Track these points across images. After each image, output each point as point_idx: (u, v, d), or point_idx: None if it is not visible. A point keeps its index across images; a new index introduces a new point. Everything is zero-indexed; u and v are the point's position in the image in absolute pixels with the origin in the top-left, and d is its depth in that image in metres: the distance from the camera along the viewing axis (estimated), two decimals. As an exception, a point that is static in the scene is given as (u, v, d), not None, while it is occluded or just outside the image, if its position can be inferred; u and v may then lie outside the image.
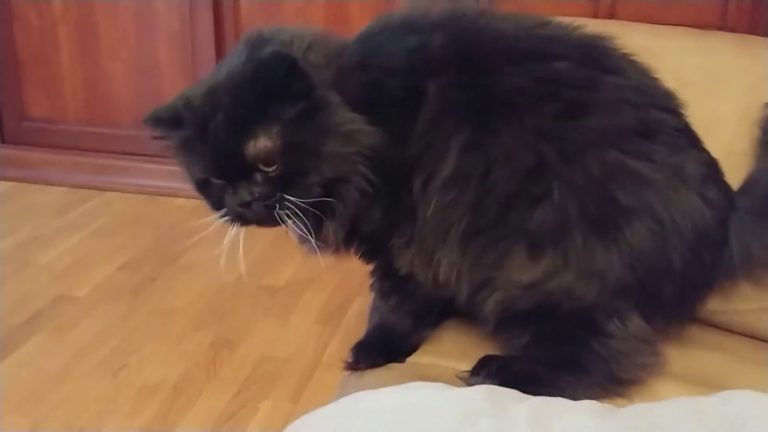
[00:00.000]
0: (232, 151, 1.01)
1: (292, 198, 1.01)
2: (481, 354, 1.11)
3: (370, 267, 1.20)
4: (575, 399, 0.86)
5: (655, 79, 1.12)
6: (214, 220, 1.10)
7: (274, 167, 1.01)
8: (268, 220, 1.04)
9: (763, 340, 1.21)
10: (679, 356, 1.11)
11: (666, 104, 1.10)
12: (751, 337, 1.21)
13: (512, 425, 0.75)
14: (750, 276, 1.11)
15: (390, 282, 1.17)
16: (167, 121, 1.08)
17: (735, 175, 1.13)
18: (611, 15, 2.43)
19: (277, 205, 1.01)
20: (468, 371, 1.09)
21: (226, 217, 1.08)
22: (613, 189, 1.02)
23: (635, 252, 1.02)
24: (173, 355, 2.07)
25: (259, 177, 1.01)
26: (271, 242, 2.57)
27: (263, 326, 2.21)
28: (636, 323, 1.05)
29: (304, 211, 1.01)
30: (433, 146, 1.05)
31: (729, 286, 1.13)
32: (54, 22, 3.00)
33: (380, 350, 1.17)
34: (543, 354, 1.06)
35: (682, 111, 1.11)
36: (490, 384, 0.95)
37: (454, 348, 1.18)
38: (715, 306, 1.18)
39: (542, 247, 1.03)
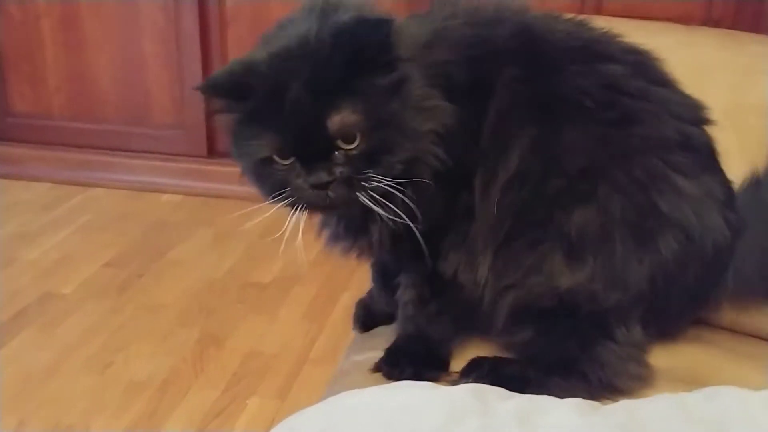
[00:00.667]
0: (314, 124, 0.92)
1: (378, 177, 0.94)
2: (472, 354, 1.11)
3: (404, 276, 1.13)
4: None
5: (688, 95, 1.13)
6: (270, 206, 1.00)
7: (355, 144, 0.93)
8: (344, 203, 0.96)
9: (749, 335, 1.22)
10: (666, 352, 1.12)
11: (700, 119, 1.11)
12: (737, 332, 1.22)
13: (499, 423, 0.75)
14: (737, 302, 1.13)
15: (430, 288, 1.10)
16: (231, 88, 0.98)
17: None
18: (597, 10, 2.43)
19: (361, 185, 0.94)
20: (458, 372, 1.08)
21: (291, 201, 0.97)
22: (655, 196, 1.03)
23: (662, 262, 1.03)
24: (160, 351, 2.07)
25: (338, 155, 0.94)
26: (256, 239, 2.56)
27: (251, 322, 2.21)
28: (638, 332, 1.06)
29: (385, 192, 0.94)
30: (498, 143, 1.02)
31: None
32: (37, 16, 2.97)
33: (422, 360, 1.10)
34: (542, 354, 1.06)
35: (710, 127, 1.12)
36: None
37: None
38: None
39: (582, 252, 1.01)
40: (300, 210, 0.98)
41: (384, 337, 1.17)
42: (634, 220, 1.02)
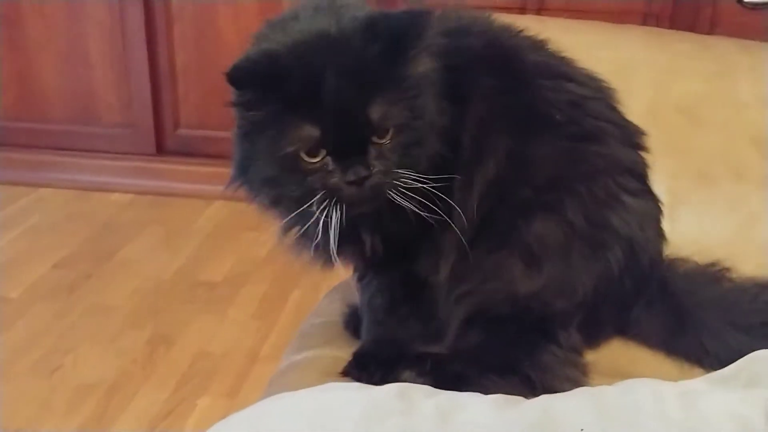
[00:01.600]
0: (354, 115, 0.90)
1: (408, 172, 0.93)
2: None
3: (376, 280, 1.12)
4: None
5: (631, 122, 1.16)
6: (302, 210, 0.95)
7: (388, 137, 0.92)
8: (379, 198, 0.94)
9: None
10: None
11: (640, 145, 1.15)
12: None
13: (419, 421, 0.77)
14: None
15: (404, 290, 1.10)
16: (264, 77, 0.91)
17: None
18: (540, 3, 2.47)
19: (394, 181, 0.93)
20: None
21: (324, 204, 0.93)
22: (608, 211, 1.06)
23: (608, 272, 1.06)
24: (109, 353, 2.06)
25: (372, 150, 0.92)
26: (207, 237, 2.56)
27: (200, 322, 2.21)
28: (577, 337, 1.09)
29: (415, 189, 0.93)
30: (477, 150, 1.03)
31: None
32: (-21, 16, 2.93)
33: (391, 363, 1.08)
34: (487, 355, 1.07)
35: (647, 151, 1.16)
36: (422, 383, 0.97)
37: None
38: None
39: (540, 260, 1.04)
40: (334, 211, 0.92)
41: (320, 336, 1.19)
42: (590, 233, 1.05)
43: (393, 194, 0.93)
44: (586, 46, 1.20)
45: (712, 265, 1.18)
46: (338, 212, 0.93)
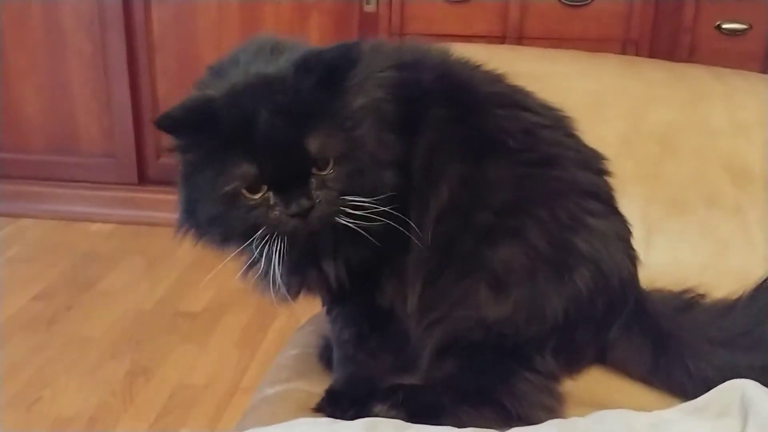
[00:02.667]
0: (291, 149, 0.91)
1: (358, 199, 0.93)
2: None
3: (342, 314, 1.12)
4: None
5: (591, 147, 1.17)
6: (222, 257, 0.98)
7: (329, 168, 0.93)
8: (326, 227, 0.95)
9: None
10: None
11: (602, 170, 1.16)
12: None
13: (387, 459, 0.77)
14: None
15: (370, 323, 1.10)
16: (193, 122, 0.93)
17: (617, 193, 1.17)
18: (520, 32, 2.48)
19: (341, 207, 0.93)
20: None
21: (267, 238, 0.93)
22: (573, 234, 1.07)
23: (577, 295, 1.06)
24: (88, 385, 2.04)
25: (314, 181, 0.92)
26: (188, 267, 2.55)
27: (181, 352, 2.19)
28: (552, 363, 1.08)
29: (362, 216, 0.93)
30: (429, 176, 1.04)
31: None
32: (-40, 46, 2.93)
33: (364, 399, 1.06)
34: (460, 384, 1.06)
35: (609, 177, 1.17)
36: (395, 416, 0.96)
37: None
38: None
39: (507, 284, 1.04)
40: (278, 244, 0.93)
41: (293, 369, 1.18)
42: (555, 256, 1.05)
43: (342, 219, 0.94)
44: (561, 75, 1.21)
45: (685, 291, 1.18)
46: (282, 247, 0.93)
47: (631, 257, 1.14)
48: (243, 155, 0.91)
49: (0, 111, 2.98)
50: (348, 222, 0.94)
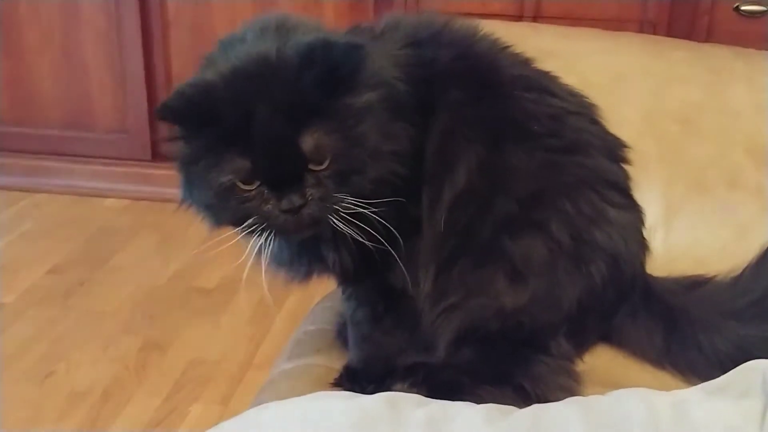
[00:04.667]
0: (286, 146, 0.90)
1: (349, 198, 0.93)
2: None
3: (356, 294, 1.12)
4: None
5: (613, 134, 1.16)
6: (235, 233, 0.98)
7: (325, 165, 0.92)
8: (316, 226, 0.95)
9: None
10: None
11: (623, 158, 1.15)
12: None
13: (407, 430, 0.77)
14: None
15: (384, 303, 1.10)
16: (192, 113, 0.93)
17: (637, 173, 1.17)
18: (536, 11, 2.47)
19: (333, 207, 0.93)
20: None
21: (259, 229, 0.94)
22: (593, 227, 1.06)
23: (592, 286, 1.06)
24: (102, 359, 2.05)
25: (309, 177, 0.92)
26: (202, 243, 2.55)
27: (194, 328, 2.20)
28: (566, 345, 1.09)
29: (356, 214, 0.93)
30: (444, 161, 1.03)
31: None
32: (-25, 21, 2.93)
33: (381, 375, 1.07)
34: (479, 367, 1.06)
35: (629, 164, 1.16)
36: (415, 392, 0.96)
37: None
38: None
39: (526, 275, 1.03)
40: (268, 237, 0.94)
41: (311, 345, 1.18)
42: (575, 249, 1.05)
43: (333, 219, 0.93)
44: (583, 53, 1.20)
45: (693, 275, 1.18)
46: (270, 238, 0.94)
47: (644, 248, 1.15)
48: (238, 150, 0.91)
49: (15, 86, 2.99)
50: (339, 225, 0.93)
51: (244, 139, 0.90)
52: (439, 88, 1.04)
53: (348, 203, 0.92)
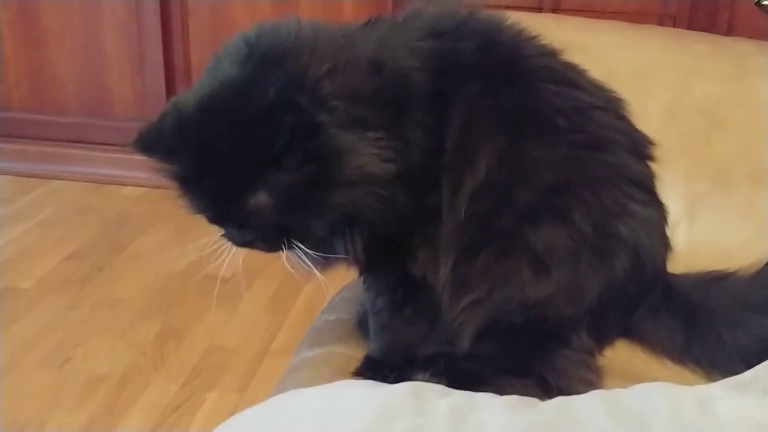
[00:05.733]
0: (231, 202, 0.94)
1: (299, 245, 0.96)
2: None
3: (375, 283, 1.13)
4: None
5: (640, 131, 1.15)
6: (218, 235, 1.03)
7: (274, 218, 0.95)
8: (274, 251, 1.00)
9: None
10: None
11: (649, 155, 1.14)
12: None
13: (431, 420, 0.76)
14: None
15: (403, 291, 1.10)
16: (157, 149, 0.98)
17: (661, 167, 1.16)
18: (556, 4, 2.46)
19: (285, 243, 0.97)
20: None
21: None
22: (618, 222, 1.06)
23: (613, 279, 1.06)
24: (120, 346, 2.07)
25: (260, 222, 0.96)
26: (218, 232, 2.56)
27: (211, 316, 2.21)
28: (587, 339, 1.08)
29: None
30: (465, 151, 1.02)
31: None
32: (-5, 8, 2.94)
33: (403, 365, 1.07)
34: (501, 359, 1.06)
35: (655, 161, 1.15)
36: (437, 382, 0.96)
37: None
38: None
39: (549, 266, 1.03)
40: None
41: (332, 333, 1.18)
42: (598, 241, 1.04)
43: (292, 252, 0.97)
44: (606, 45, 1.19)
45: (714, 270, 1.17)
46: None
47: (666, 245, 1.14)
48: (194, 195, 0.96)
49: (35, 73, 3.00)
50: (301, 252, 0.97)
51: (197, 185, 0.95)
52: (458, 79, 1.03)
53: (299, 248, 0.96)
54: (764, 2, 2.31)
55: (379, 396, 0.81)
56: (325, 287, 1.10)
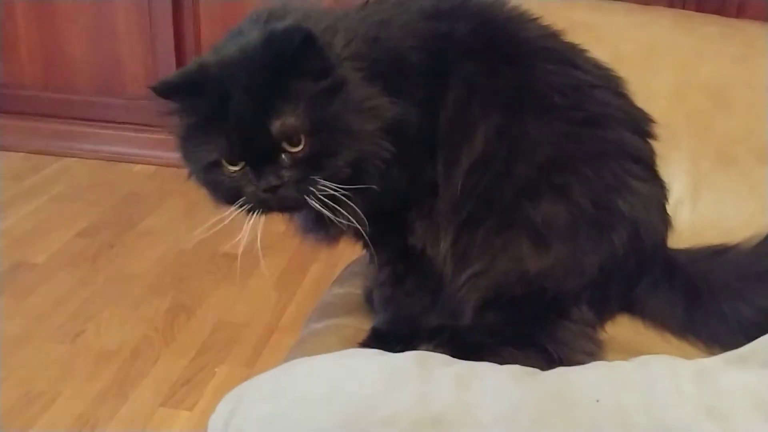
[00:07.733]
0: (258, 129, 0.95)
1: (324, 181, 0.96)
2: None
3: (377, 256, 1.14)
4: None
5: (640, 108, 1.16)
6: (230, 212, 1.02)
7: (300, 147, 0.95)
8: (295, 205, 1.00)
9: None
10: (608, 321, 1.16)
11: (648, 132, 1.16)
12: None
13: (436, 388, 0.79)
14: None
15: (403, 263, 1.13)
16: (182, 88, 0.99)
17: (666, 146, 1.18)
18: (566, -16, 2.45)
19: (309, 189, 0.96)
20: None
21: (245, 206, 1.00)
22: (616, 195, 1.08)
23: (613, 253, 1.08)
24: (131, 320, 2.10)
25: (285, 159, 0.96)
26: (228, 209, 2.58)
27: (221, 291, 2.24)
28: (588, 312, 1.11)
29: (333, 195, 0.96)
30: (460, 128, 1.05)
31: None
32: (8, -14, 2.96)
33: (408, 336, 1.09)
34: (503, 330, 1.09)
35: (653, 140, 1.17)
36: (441, 352, 0.99)
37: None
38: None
39: (548, 239, 1.05)
40: (257, 214, 1.00)
41: (340, 307, 1.21)
42: (596, 215, 1.07)
43: (312, 203, 0.96)
44: (615, 26, 1.20)
45: (715, 244, 1.19)
46: (258, 214, 1.00)
47: (666, 222, 1.16)
48: (219, 131, 0.96)
49: (46, 51, 3.02)
50: (315, 204, 0.97)
51: (223, 122, 0.95)
52: (454, 59, 1.06)
53: (323, 186, 0.96)
54: (775, -15, 2.30)
55: (387, 364, 0.83)
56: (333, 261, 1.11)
